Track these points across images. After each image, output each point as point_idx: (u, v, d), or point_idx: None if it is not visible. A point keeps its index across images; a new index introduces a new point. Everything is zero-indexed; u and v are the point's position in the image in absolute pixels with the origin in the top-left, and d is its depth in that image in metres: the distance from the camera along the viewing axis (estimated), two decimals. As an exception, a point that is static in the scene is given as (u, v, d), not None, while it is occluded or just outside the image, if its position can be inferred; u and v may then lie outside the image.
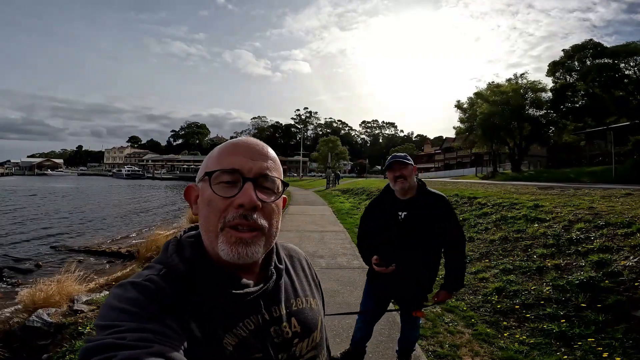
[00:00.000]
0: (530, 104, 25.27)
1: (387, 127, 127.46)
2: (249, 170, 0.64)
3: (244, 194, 0.62)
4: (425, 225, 2.23)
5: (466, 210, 7.55)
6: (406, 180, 2.25)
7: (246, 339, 0.63)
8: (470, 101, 29.02)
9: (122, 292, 0.57)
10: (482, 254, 5.34)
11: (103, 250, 10.05)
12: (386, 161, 2.37)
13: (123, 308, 0.54)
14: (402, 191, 2.29)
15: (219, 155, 0.67)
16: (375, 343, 3.04)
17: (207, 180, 0.65)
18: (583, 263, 4.09)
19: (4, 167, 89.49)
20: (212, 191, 0.63)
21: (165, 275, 0.61)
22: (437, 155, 61.20)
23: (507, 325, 3.56)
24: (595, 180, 16.27)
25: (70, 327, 3.33)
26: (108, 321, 0.53)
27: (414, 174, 2.31)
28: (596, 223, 4.77)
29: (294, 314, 0.72)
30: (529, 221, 5.64)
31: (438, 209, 2.26)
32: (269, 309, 0.69)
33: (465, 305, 4.14)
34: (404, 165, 2.27)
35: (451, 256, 2.32)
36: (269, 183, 0.66)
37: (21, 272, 8.12)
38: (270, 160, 0.68)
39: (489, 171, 29.87)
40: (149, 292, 0.57)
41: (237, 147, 0.67)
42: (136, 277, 0.61)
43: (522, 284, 4.16)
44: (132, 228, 14.71)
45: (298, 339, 0.70)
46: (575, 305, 3.50)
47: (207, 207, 0.64)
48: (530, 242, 5.02)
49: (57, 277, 5.11)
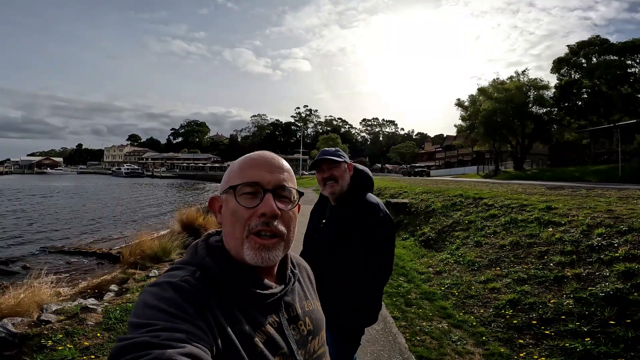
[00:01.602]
0: (533, 101, 24.98)
1: (387, 125, 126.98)
2: (268, 182, 0.71)
3: (265, 204, 0.69)
4: (340, 240, 1.69)
5: (472, 211, 7.16)
6: (337, 183, 1.75)
7: (273, 336, 0.67)
8: (472, 99, 28.74)
9: (160, 292, 0.59)
10: (492, 261, 4.95)
11: (94, 252, 9.73)
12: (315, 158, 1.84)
13: (160, 307, 0.56)
14: (331, 196, 1.81)
15: (240, 169, 0.73)
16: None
17: (232, 192, 0.71)
18: (607, 273, 3.72)
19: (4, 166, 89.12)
20: (236, 202, 0.70)
21: (201, 277, 0.65)
22: (438, 153, 60.98)
23: (523, 343, 3.24)
24: (600, 179, 15.97)
25: (34, 338, 3.02)
26: (144, 319, 0.54)
27: (349, 173, 1.81)
28: (618, 228, 4.38)
29: (307, 313, 0.79)
30: (542, 225, 5.24)
31: (364, 224, 1.69)
32: (288, 309, 0.75)
33: (475, 320, 3.77)
34: (335, 164, 1.77)
35: (360, 288, 1.67)
36: (286, 192, 0.73)
37: (7, 274, 7.77)
38: (285, 172, 0.75)
39: (491, 169, 29.61)
40: (185, 293, 0.59)
41: (256, 161, 0.73)
42: (171, 277, 0.64)
43: (539, 296, 3.80)
44: (126, 228, 14.36)
45: (312, 337, 0.77)
46: (600, 320, 3.17)
47: (232, 216, 0.70)
48: (545, 248, 4.62)
49: (33, 281, 4.77)
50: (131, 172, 79.15)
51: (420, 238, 7.37)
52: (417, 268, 5.62)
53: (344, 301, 1.66)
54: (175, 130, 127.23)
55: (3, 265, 8.49)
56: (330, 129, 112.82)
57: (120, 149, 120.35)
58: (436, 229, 7.28)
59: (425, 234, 7.36)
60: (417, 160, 69.98)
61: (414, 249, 6.84)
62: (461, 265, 5.25)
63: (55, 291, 4.75)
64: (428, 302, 4.31)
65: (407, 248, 6.94)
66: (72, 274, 7.41)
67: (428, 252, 6.49)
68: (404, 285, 4.82)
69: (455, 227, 6.86)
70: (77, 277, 7.05)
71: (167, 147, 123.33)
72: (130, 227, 14.42)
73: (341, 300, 1.65)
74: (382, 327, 3.55)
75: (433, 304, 4.23)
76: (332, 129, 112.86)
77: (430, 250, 6.62)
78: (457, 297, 4.36)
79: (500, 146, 29.04)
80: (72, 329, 3.25)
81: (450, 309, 4.05)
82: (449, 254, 5.85)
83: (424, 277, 5.20)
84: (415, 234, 7.78)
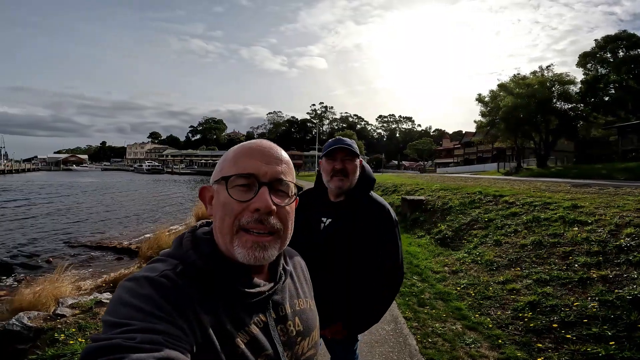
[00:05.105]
0: (558, 96, 24.02)
1: (403, 121, 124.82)
2: (264, 174, 0.65)
3: (260, 199, 0.63)
4: (352, 241, 1.54)
5: (491, 209, 6.90)
6: (347, 178, 1.55)
7: (257, 337, 0.63)
8: (492, 94, 27.88)
9: (136, 288, 0.55)
10: (512, 261, 4.75)
11: (114, 246, 10.03)
12: (325, 145, 1.62)
13: (136, 305, 0.52)
14: (336, 191, 1.59)
15: (235, 159, 0.67)
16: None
17: (223, 183, 0.65)
18: (636, 275, 3.50)
19: (32, 163, 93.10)
20: (227, 194, 0.64)
21: (182, 272, 0.60)
22: (457, 149, 59.55)
23: (542, 347, 3.08)
24: (629, 177, 15.20)
25: (48, 332, 3.08)
26: (119, 318, 0.51)
27: (358, 172, 1.60)
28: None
29: (298, 313, 0.75)
30: (567, 224, 4.98)
31: (376, 224, 1.56)
32: (276, 308, 0.70)
33: (491, 322, 3.62)
34: (351, 156, 1.56)
35: (374, 289, 1.57)
36: (283, 186, 0.68)
37: (31, 268, 8.11)
38: (284, 164, 0.69)
39: (512, 166, 28.72)
40: (163, 290, 0.55)
41: (252, 151, 0.68)
42: (150, 271, 0.59)
43: (562, 298, 3.61)
44: (146, 223, 14.71)
45: (301, 338, 0.73)
46: (626, 324, 3.00)
47: (223, 209, 0.65)
48: (569, 248, 4.39)
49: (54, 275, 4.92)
50: (152, 168, 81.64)
51: (436, 236, 7.17)
52: (432, 267, 5.47)
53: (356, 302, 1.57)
54: (193, 128, 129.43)
55: (28, 259, 8.85)
56: (346, 125, 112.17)
57: (141, 146, 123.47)
58: (453, 227, 7.07)
59: (441, 232, 7.16)
60: (435, 157, 68.69)
61: (429, 247, 6.67)
62: (479, 264, 5.07)
63: (75, 285, 4.88)
64: (442, 302, 4.17)
65: (422, 246, 6.77)
66: (93, 268, 7.64)
67: (444, 251, 6.31)
68: (418, 285, 4.69)
69: (473, 225, 6.64)
70: (97, 271, 7.26)
71: (186, 144, 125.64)
72: (150, 222, 14.77)
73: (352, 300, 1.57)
74: (393, 328, 3.46)
75: (447, 304, 4.10)
76: (347, 125, 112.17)
77: (447, 248, 6.43)
78: (473, 297, 4.21)
79: (522, 143, 28.10)
80: (85, 323, 3.31)
81: (466, 310, 3.90)
82: (466, 253, 5.66)
83: (439, 276, 5.05)
84: (431, 232, 7.59)
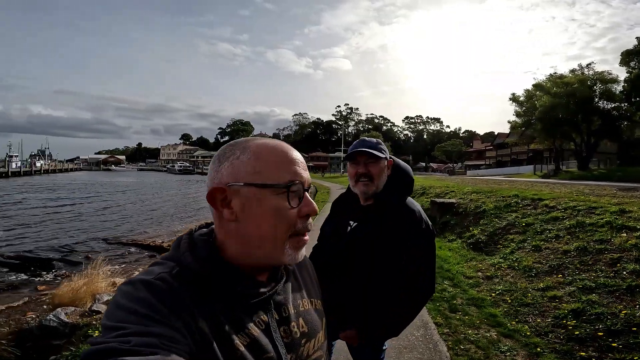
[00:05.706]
0: (600, 95, 22.51)
1: (432, 122, 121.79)
2: (305, 180, 0.67)
3: (309, 204, 0.66)
4: (376, 246, 1.45)
5: (530, 213, 6.54)
6: (372, 182, 1.47)
7: (258, 339, 0.62)
8: (528, 94, 26.55)
9: (132, 291, 0.55)
10: (553, 267, 4.46)
11: (148, 244, 10.45)
12: (349, 148, 1.55)
13: (132, 308, 0.52)
14: (364, 196, 1.53)
15: (279, 165, 0.65)
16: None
17: (270, 189, 0.64)
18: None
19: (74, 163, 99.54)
20: (279, 200, 0.64)
21: (178, 274, 0.59)
22: (489, 151, 57.29)
23: (585, 355, 2.92)
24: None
25: (83, 328, 3.20)
26: (114, 322, 0.51)
27: (387, 173, 1.51)
28: None
29: (302, 314, 0.73)
30: (614, 229, 4.63)
31: (404, 229, 1.45)
32: (279, 309, 0.69)
33: (529, 330, 3.42)
34: (374, 159, 1.47)
35: (391, 293, 1.46)
36: (311, 190, 0.72)
37: (71, 264, 8.51)
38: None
39: (550, 169, 27.19)
40: (159, 292, 0.55)
41: (293, 157, 0.68)
42: (146, 274, 0.59)
43: (609, 306, 3.38)
44: (179, 221, 15.25)
45: (305, 339, 0.71)
46: None
47: (275, 216, 0.64)
48: (617, 255, 4.07)
49: (91, 272, 5.13)
50: (183, 169, 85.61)
51: (468, 240, 6.90)
52: (464, 272, 5.25)
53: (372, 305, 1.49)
54: (222, 130, 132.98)
55: (68, 255, 9.38)
56: (372, 127, 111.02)
57: (174, 148, 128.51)
58: (487, 231, 6.76)
59: (474, 236, 6.88)
60: (465, 159, 66.47)
61: (461, 252, 6.42)
62: (516, 270, 4.81)
63: (111, 281, 5.06)
64: (475, 308, 3.99)
65: (454, 250, 6.53)
66: (127, 265, 7.98)
67: (477, 256, 6.05)
68: (449, 290, 4.51)
69: (509, 230, 6.32)
70: (131, 267, 7.57)
71: (215, 145, 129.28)
72: (182, 221, 15.30)
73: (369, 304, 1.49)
74: (422, 334, 3.33)
75: (481, 310, 3.91)
76: (373, 127, 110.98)
77: (480, 253, 6.16)
78: (509, 304, 3.99)
79: (561, 144, 26.55)
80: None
81: (501, 317, 3.70)
82: (501, 258, 5.39)
83: (472, 281, 4.84)
84: (462, 236, 7.31)
